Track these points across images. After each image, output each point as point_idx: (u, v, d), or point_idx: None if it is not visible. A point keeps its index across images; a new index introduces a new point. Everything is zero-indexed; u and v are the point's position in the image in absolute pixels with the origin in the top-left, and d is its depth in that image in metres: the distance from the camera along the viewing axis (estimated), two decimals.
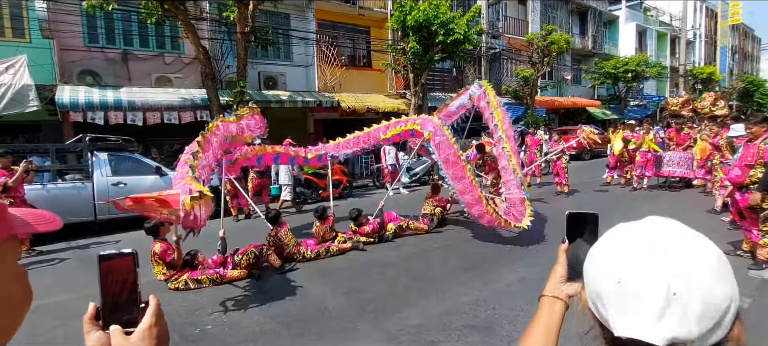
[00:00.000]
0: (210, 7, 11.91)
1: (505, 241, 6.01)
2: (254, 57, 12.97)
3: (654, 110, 29.39)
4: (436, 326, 3.52)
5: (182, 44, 11.78)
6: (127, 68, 11.27)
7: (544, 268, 4.74)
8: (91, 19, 10.58)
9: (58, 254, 6.22)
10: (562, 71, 24.29)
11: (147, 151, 10.96)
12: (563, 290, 0.84)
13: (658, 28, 32.43)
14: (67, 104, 9.17)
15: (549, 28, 19.50)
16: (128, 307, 0.72)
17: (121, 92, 10.29)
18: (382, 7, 16.28)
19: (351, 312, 3.88)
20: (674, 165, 9.63)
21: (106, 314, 0.72)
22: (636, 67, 23.78)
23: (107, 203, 5.52)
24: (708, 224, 6.52)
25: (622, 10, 29.82)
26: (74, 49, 10.47)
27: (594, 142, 10.04)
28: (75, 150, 8.18)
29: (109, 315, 0.72)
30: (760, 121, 4.66)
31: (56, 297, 4.48)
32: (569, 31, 24.19)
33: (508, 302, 3.91)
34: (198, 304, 4.21)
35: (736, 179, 4.68)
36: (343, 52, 15.66)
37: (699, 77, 31.37)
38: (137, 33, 11.41)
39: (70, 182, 7.37)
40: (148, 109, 10.13)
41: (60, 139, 9.53)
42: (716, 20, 38.96)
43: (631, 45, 29.00)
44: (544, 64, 19.50)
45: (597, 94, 27.12)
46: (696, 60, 35.56)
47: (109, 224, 7.53)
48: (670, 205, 8.27)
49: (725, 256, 0.58)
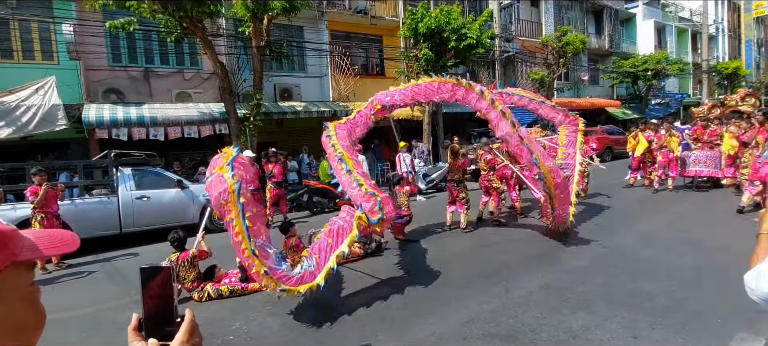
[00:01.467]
0: (226, 24, 12.22)
1: (525, 248, 5.90)
2: (270, 70, 13.22)
3: (677, 108, 28.54)
4: (457, 335, 3.47)
5: (200, 60, 12.12)
6: (149, 85, 11.64)
7: (567, 275, 4.64)
8: (114, 39, 11.02)
9: (86, 266, 6.41)
10: (579, 72, 23.87)
11: (169, 164, 11.25)
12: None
13: (677, 24, 31.59)
14: (93, 122, 9.53)
15: (563, 29, 19.25)
16: (166, 320, 0.75)
17: (143, 109, 10.63)
18: (393, 15, 16.39)
19: (371, 321, 3.87)
20: (701, 164, 9.30)
21: (147, 325, 0.75)
22: (656, 65, 23.19)
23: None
24: (740, 225, 6.27)
25: (639, 7, 29.18)
26: (99, 69, 10.89)
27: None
28: (101, 166, 8.47)
29: (148, 327, 0.75)
30: None
31: (84, 309, 4.62)
32: (584, 31, 23.82)
33: (530, 310, 3.83)
34: (219, 315, 4.27)
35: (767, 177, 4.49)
36: (356, 62, 15.81)
37: (724, 73, 30.35)
38: (158, 51, 11.80)
39: (97, 197, 7.62)
40: (169, 124, 10.42)
41: (87, 156, 9.89)
42: (739, 14, 37.70)
43: (650, 42, 28.32)
44: (560, 65, 19.23)
45: (616, 93, 26.53)
46: (720, 55, 34.42)
47: (134, 237, 7.75)
48: (697, 206, 7.99)
49: None
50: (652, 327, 3.35)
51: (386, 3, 16.52)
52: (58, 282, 5.78)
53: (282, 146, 12.29)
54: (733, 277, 4.29)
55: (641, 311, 3.64)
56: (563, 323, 3.53)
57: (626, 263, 4.92)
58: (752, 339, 3.08)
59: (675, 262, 4.86)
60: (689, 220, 6.87)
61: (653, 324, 3.39)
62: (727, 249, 5.22)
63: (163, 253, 7.08)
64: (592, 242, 5.91)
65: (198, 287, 4.69)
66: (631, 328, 3.36)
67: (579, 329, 3.41)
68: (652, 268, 4.71)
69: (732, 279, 4.21)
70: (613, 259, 5.12)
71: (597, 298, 3.98)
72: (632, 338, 3.21)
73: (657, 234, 6.12)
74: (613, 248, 5.54)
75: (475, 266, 5.25)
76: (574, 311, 3.74)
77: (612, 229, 6.57)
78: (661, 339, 3.17)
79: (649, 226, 6.64)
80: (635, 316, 3.55)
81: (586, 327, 3.42)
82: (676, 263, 4.83)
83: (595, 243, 5.82)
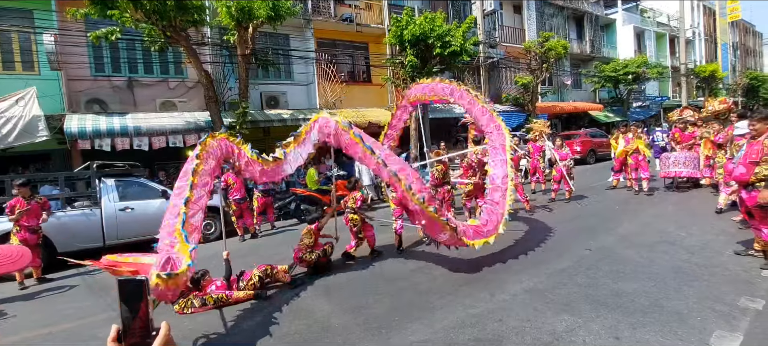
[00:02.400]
0: (211, 32, 12.16)
1: (511, 252, 5.97)
2: (256, 78, 13.18)
3: (657, 111, 29.28)
4: (443, 341, 3.49)
5: (185, 69, 12.03)
6: (133, 95, 11.50)
7: (550, 277, 4.72)
8: (97, 49, 10.88)
9: (67, 280, 6.27)
10: (562, 77, 24.34)
11: (153, 175, 11.10)
12: None
13: (656, 29, 32.50)
14: (75, 133, 9.36)
15: (546, 35, 19.64)
16: (142, 332, 0.76)
17: (127, 119, 10.49)
18: (379, 23, 16.52)
19: (357, 329, 3.87)
20: (680, 165, 9.54)
21: (126, 337, 0.76)
22: (636, 68, 23.81)
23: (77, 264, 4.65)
24: (718, 225, 6.46)
25: (619, 13, 29.99)
26: (81, 79, 10.72)
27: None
28: (83, 177, 8.33)
29: (127, 339, 0.76)
30: (764, 117, 4.59)
31: (65, 325, 4.52)
32: (566, 37, 24.34)
33: (515, 313, 3.88)
34: (203, 326, 4.22)
35: (741, 177, 4.63)
36: (342, 69, 15.87)
37: (701, 76, 31.27)
38: (142, 60, 11.67)
39: (79, 209, 7.47)
40: (154, 133, 10.30)
41: (69, 167, 9.71)
42: (715, 18, 38.95)
43: (630, 47, 29.07)
44: (543, 70, 19.59)
45: (598, 97, 27.11)
46: (697, 59, 35.47)
47: (117, 249, 7.58)
48: (677, 206, 8.19)
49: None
50: (634, 327, 3.42)
51: (371, 11, 16.66)
52: (37, 298, 5.64)
53: (269, 154, 12.21)
54: (712, 276, 4.43)
55: (623, 311, 3.72)
56: (547, 325, 3.59)
57: (608, 264, 5.01)
58: (731, 337, 3.17)
59: (656, 262, 4.98)
60: (669, 220, 7.04)
61: (635, 324, 3.47)
62: (705, 248, 5.37)
63: None
64: (575, 243, 6.02)
65: (179, 298, 4.62)
66: (614, 328, 3.43)
67: (562, 330, 3.47)
68: (633, 268, 4.82)
69: (711, 278, 4.35)
70: (596, 260, 5.22)
71: (580, 299, 4.06)
72: (614, 339, 3.27)
73: (638, 235, 6.26)
74: (595, 250, 5.64)
75: (461, 271, 5.29)
76: (558, 313, 3.80)
77: (594, 230, 6.70)
78: (642, 339, 3.24)
79: (630, 227, 6.78)
80: (617, 316, 3.63)
81: (570, 329, 3.48)
82: (657, 263, 4.95)
83: (577, 245, 5.92)
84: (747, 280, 4.26)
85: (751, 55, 48.78)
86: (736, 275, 4.42)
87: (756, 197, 4.45)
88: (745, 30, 47.07)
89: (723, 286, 4.12)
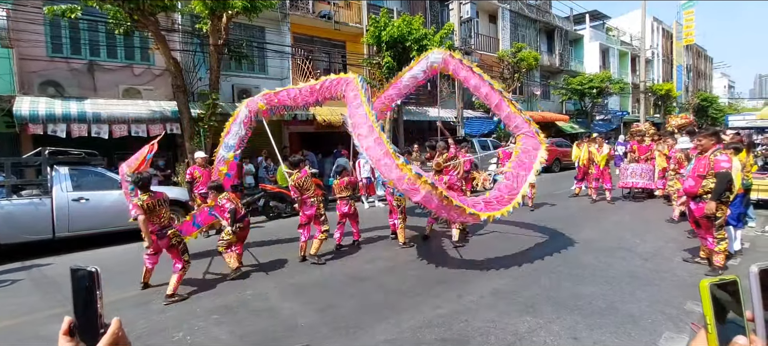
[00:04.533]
0: (182, 19, 11.71)
1: (480, 254, 6.09)
2: (228, 69, 12.80)
3: (618, 124, 30.80)
4: (410, 341, 3.51)
5: (152, 55, 11.50)
6: (93, 79, 10.88)
7: (515, 280, 4.85)
8: (54, 28, 10.21)
9: (9, 275, 5.84)
10: (532, 87, 25.15)
11: (112, 165, 10.53)
12: None
13: (619, 47, 34.25)
14: (26, 116, 8.74)
15: (519, 45, 20.25)
16: (92, 326, 0.71)
17: (85, 104, 9.91)
18: (357, 22, 16.47)
19: (324, 329, 3.82)
20: (637, 176, 10.08)
21: (79, 330, 0.71)
22: (600, 83, 24.96)
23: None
24: (669, 234, 6.85)
25: (587, 30, 31.37)
26: (36, 59, 10.03)
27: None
28: (33, 164, 7.77)
29: (79, 332, 0.71)
30: (709, 134, 4.95)
31: (7, 321, 4.21)
32: (538, 49, 25.18)
33: (481, 314, 3.96)
34: (162, 324, 4.05)
35: (690, 189, 4.94)
36: (318, 66, 15.69)
37: (658, 93, 33.22)
38: (105, 43, 11.05)
39: (27, 198, 6.97)
40: (115, 121, 9.78)
41: (17, 153, 9.04)
42: (672, 41, 41.50)
43: (595, 63, 30.47)
44: (515, 79, 20.18)
45: (565, 109, 28.19)
46: (655, 77, 37.66)
47: (69, 242, 7.16)
48: (633, 215, 8.63)
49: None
50: (591, 328, 3.56)
51: (350, 9, 16.58)
52: None
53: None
54: (663, 281, 4.69)
55: (582, 313, 3.87)
56: (510, 326, 3.68)
57: (569, 268, 5.21)
58: (678, 338, 3.36)
59: (613, 267, 5.22)
60: (626, 228, 7.41)
61: (592, 326, 3.61)
62: (657, 255, 5.68)
63: (102, 259, 6.62)
64: (539, 247, 6.22)
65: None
66: (572, 329, 3.56)
67: (525, 331, 3.56)
68: (592, 273, 5.03)
69: (662, 283, 4.60)
70: (558, 264, 5.41)
71: (542, 301, 4.19)
72: (573, 339, 3.40)
73: (597, 241, 6.54)
74: (558, 254, 5.85)
75: (428, 272, 5.34)
76: (521, 314, 3.91)
77: (557, 236, 6.95)
78: (599, 340, 3.38)
79: (590, 233, 7.08)
80: (576, 318, 3.77)
81: (532, 329, 3.59)
82: (614, 268, 5.19)
83: (541, 249, 6.12)
84: (693, 285, 4.54)
85: (702, 77, 52.29)
86: (684, 280, 4.70)
87: (703, 208, 4.77)
88: (697, 54, 50.42)
89: (672, 290, 4.38)
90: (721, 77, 63.18)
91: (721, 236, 4.81)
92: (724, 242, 4.84)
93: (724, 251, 4.85)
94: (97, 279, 0.71)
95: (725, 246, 4.87)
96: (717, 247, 4.82)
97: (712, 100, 40.09)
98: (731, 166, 4.65)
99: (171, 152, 11.73)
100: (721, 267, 4.83)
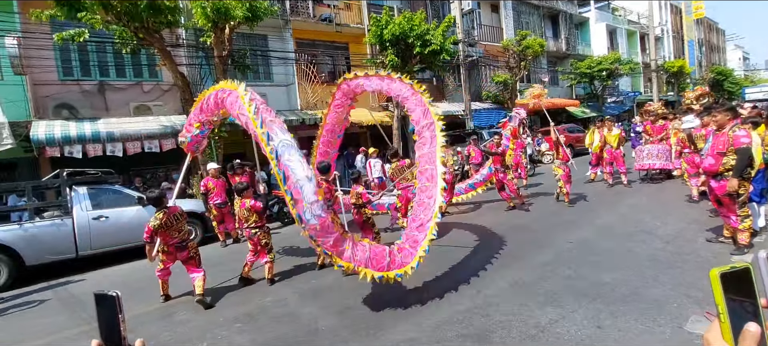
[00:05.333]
0: (186, 34, 11.86)
1: (495, 247, 6.04)
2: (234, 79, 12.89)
3: (631, 106, 30.22)
4: (431, 339, 3.50)
5: (160, 72, 11.68)
6: (105, 99, 11.10)
7: (534, 271, 4.79)
8: (64, 52, 10.45)
9: (37, 295, 6.00)
10: (539, 74, 24.83)
11: (129, 181, 10.75)
12: None
13: (627, 27, 33.54)
14: (43, 140, 8.97)
15: (523, 33, 20.00)
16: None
17: (98, 124, 10.11)
18: (358, 23, 16.47)
19: (344, 332, 3.83)
20: (653, 157, 9.86)
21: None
22: (610, 65, 24.50)
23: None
24: (690, 214, 6.69)
25: (592, 11, 30.78)
26: (48, 84, 10.28)
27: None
28: (53, 186, 7.97)
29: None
30: (725, 110, 4.80)
31: (34, 341, 4.32)
32: (543, 35, 24.84)
33: (501, 307, 3.92)
34: (185, 336, 4.11)
35: (710, 168, 4.81)
36: (323, 69, 15.74)
37: (670, 71, 32.47)
38: (113, 63, 11.27)
39: (49, 219, 7.16)
40: (128, 139, 9.96)
41: (36, 176, 9.28)
42: (681, 16, 40.52)
43: (603, 44, 29.89)
44: (521, 68, 19.94)
45: (575, 93, 27.76)
46: (666, 55, 36.81)
47: (92, 260, 7.33)
48: (651, 197, 8.46)
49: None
50: (615, 316, 3.50)
51: (351, 11, 16.59)
52: (5, 314, 5.37)
53: (250, 157, 12.01)
54: (686, 263, 4.58)
55: (604, 301, 3.81)
56: (532, 318, 3.64)
57: (589, 256, 5.13)
58: (705, 322, 3.28)
59: (633, 252, 5.12)
60: (645, 211, 7.26)
61: (615, 313, 3.55)
62: (679, 237, 5.55)
63: (124, 275, 6.76)
64: (556, 237, 6.13)
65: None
66: (596, 318, 3.50)
67: (547, 322, 3.52)
68: (612, 259, 4.94)
69: (685, 265, 4.49)
70: (577, 252, 5.33)
71: (563, 291, 4.13)
72: (597, 328, 3.34)
73: (616, 226, 6.43)
74: (576, 242, 5.77)
75: (445, 267, 5.31)
76: (542, 305, 3.86)
77: (574, 223, 6.84)
78: (623, 327, 3.32)
79: (608, 218, 6.96)
80: (599, 306, 3.71)
81: (554, 320, 3.54)
82: (635, 252, 5.09)
83: (558, 238, 6.04)
84: (718, 265, 4.41)
85: (715, 51, 50.95)
86: (708, 261, 4.59)
87: (725, 185, 4.63)
88: (709, 27, 49.11)
89: (696, 272, 4.27)
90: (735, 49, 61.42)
91: (745, 213, 4.68)
92: (748, 219, 4.70)
93: (748, 229, 4.71)
94: (119, 303, 0.74)
95: (749, 223, 4.73)
96: (741, 225, 4.68)
97: (727, 74, 38.95)
98: (751, 142, 4.51)
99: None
100: (746, 246, 4.69)
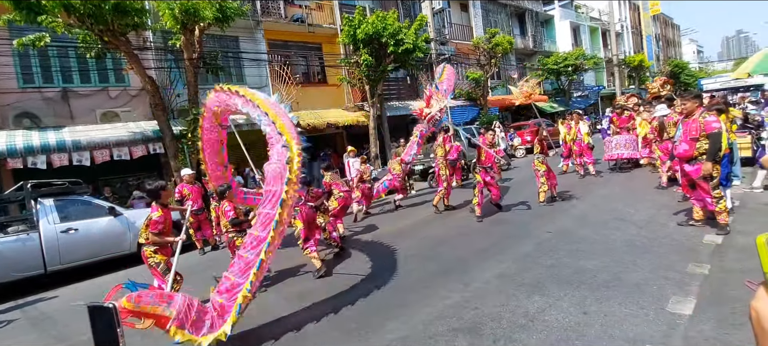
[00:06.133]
0: (154, 36, 11.43)
1: (475, 241, 6.16)
2: (205, 82, 12.54)
3: (596, 100, 31.46)
4: (422, 335, 3.51)
5: (127, 76, 11.21)
6: (69, 106, 10.55)
7: (517, 262, 4.91)
8: (24, 58, 9.86)
9: (4, 315, 5.64)
10: (509, 71, 25.45)
11: (98, 191, 10.27)
12: None
13: (589, 24, 34.88)
14: (4, 151, 8.45)
15: (492, 31, 20.44)
16: None
17: (63, 132, 9.61)
18: (331, 23, 16.36)
19: (334, 333, 3.81)
20: (621, 147, 10.31)
21: None
22: (574, 61, 25.42)
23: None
24: (660, 200, 7.05)
25: (556, 9, 31.83)
26: (8, 92, 9.69)
27: None
28: (16, 200, 7.51)
29: None
30: (693, 97, 5.11)
31: None
32: (511, 33, 25.48)
33: (490, 299, 4.00)
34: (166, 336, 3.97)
35: (685, 153, 5.07)
36: (297, 70, 15.54)
37: (631, 65, 34.02)
38: (77, 69, 10.72)
39: (13, 235, 6.73)
40: (95, 147, 9.52)
41: None
42: (639, 13, 42.51)
43: (567, 41, 30.98)
44: (492, 65, 20.38)
45: (543, 89, 28.62)
46: (626, 50, 38.53)
47: (62, 275, 6.96)
48: (622, 186, 8.85)
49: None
50: (600, 301, 3.65)
51: (323, 11, 16.46)
52: None
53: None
54: (661, 247, 4.82)
55: (588, 287, 3.96)
56: (520, 308, 3.74)
57: (568, 245, 5.31)
58: (685, 301, 3.46)
59: (610, 238, 5.35)
60: (617, 199, 7.59)
61: (600, 298, 3.70)
62: (652, 222, 5.84)
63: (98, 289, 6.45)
64: (535, 228, 6.32)
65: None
66: (581, 304, 3.64)
67: (535, 311, 3.63)
68: (591, 246, 5.14)
69: (660, 248, 4.73)
70: (556, 242, 5.51)
71: (547, 280, 4.26)
72: (583, 314, 3.47)
73: (591, 214, 6.69)
74: (554, 232, 5.96)
75: (431, 264, 5.37)
76: (529, 295, 3.97)
77: (551, 214, 7.07)
78: (608, 312, 3.46)
79: (582, 207, 7.23)
80: (584, 293, 3.85)
81: (542, 309, 3.65)
82: (611, 239, 5.32)
83: (537, 229, 6.23)
84: (691, 248, 4.69)
85: (671, 45, 53.77)
86: (681, 243, 4.85)
87: (699, 169, 4.90)
88: (665, 23, 51.78)
89: (671, 255, 4.51)
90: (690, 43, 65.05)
91: (718, 195, 4.93)
92: (722, 200, 4.96)
93: (725, 209, 4.96)
94: (116, 315, 0.71)
95: (725, 204, 4.99)
96: (717, 206, 4.91)
97: (683, 67, 41.22)
98: (721, 127, 4.80)
99: (156, 172, 11.48)
100: (726, 225, 4.93)
